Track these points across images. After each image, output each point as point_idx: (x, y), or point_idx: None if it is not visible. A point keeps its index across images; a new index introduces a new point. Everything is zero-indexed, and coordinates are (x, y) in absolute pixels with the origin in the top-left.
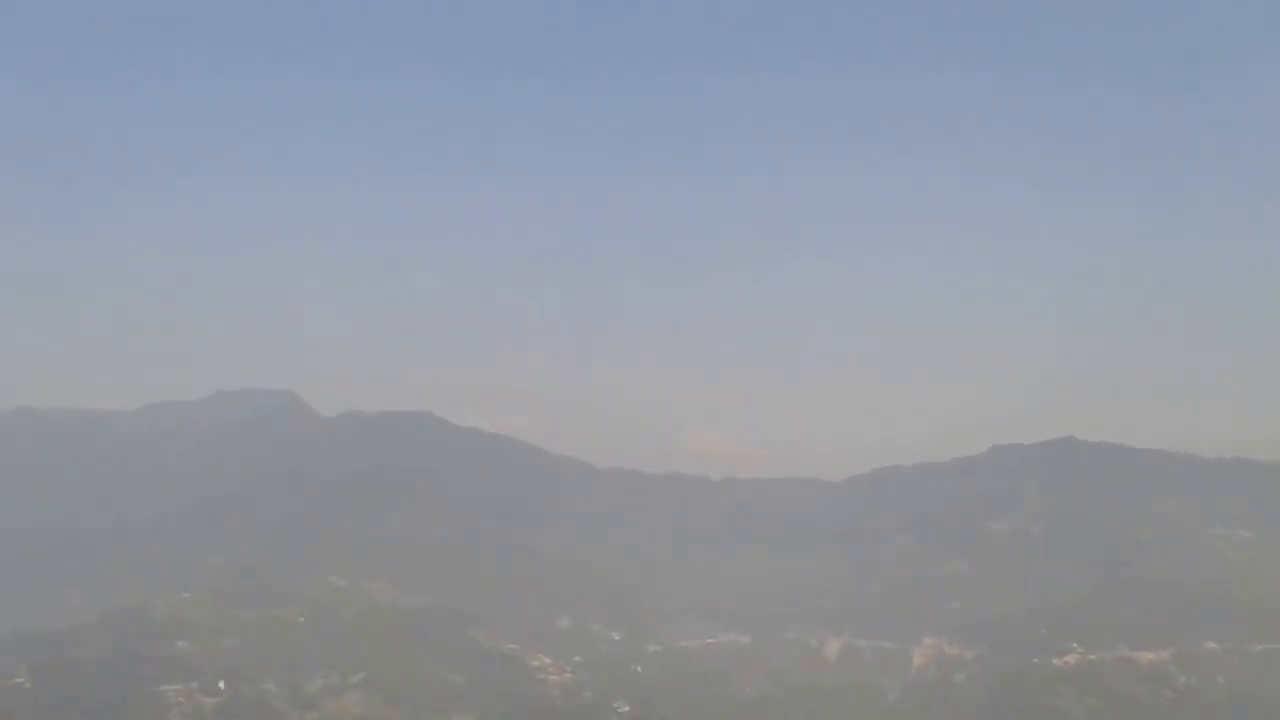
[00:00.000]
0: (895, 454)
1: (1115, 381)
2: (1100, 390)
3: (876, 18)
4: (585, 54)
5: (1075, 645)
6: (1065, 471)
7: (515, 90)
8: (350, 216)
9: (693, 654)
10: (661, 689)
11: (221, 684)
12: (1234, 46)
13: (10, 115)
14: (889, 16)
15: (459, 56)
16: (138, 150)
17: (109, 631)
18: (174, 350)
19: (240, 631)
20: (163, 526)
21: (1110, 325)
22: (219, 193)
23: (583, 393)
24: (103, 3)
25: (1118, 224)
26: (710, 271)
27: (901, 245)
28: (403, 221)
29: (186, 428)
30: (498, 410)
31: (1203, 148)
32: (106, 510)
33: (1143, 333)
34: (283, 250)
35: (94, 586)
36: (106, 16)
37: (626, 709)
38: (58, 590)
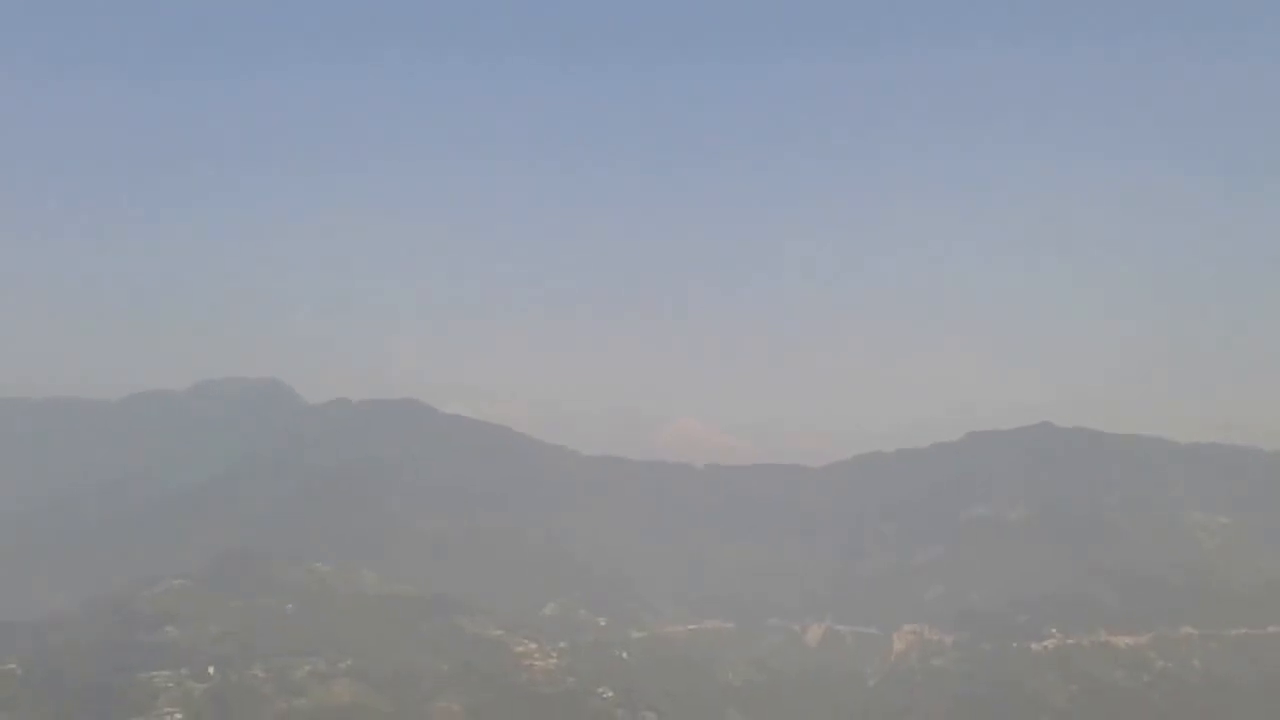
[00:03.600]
0: (875, 441)
1: (1092, 366)
2: (1076, 375)
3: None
4: (582, 40)
5: (1054, 630)
6: (1042, 457)
7: (497, 80)
8: (336, 208)
9: (677, 640)
10: (646, 674)
11: (211, 670)
12: None
13: None
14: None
15: (440, 44)
16: (120, 150)
17: (99, 618)
18: (161, 340)
19: (229, 618)
20: (151, 514)
21: (1086, 309)
22: (204, 187)
23: (568, 381)
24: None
25: (1093, 206)
26: (692, 262)
27: (880, 236)
28: (389, 212)
29: (174, 416)
30: (483, 398)
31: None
32: (95, 499)
33: (1119, 316)
34: (268, 241)
35: (84, 574)
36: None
37: (611, 694)
38: (48, 578)
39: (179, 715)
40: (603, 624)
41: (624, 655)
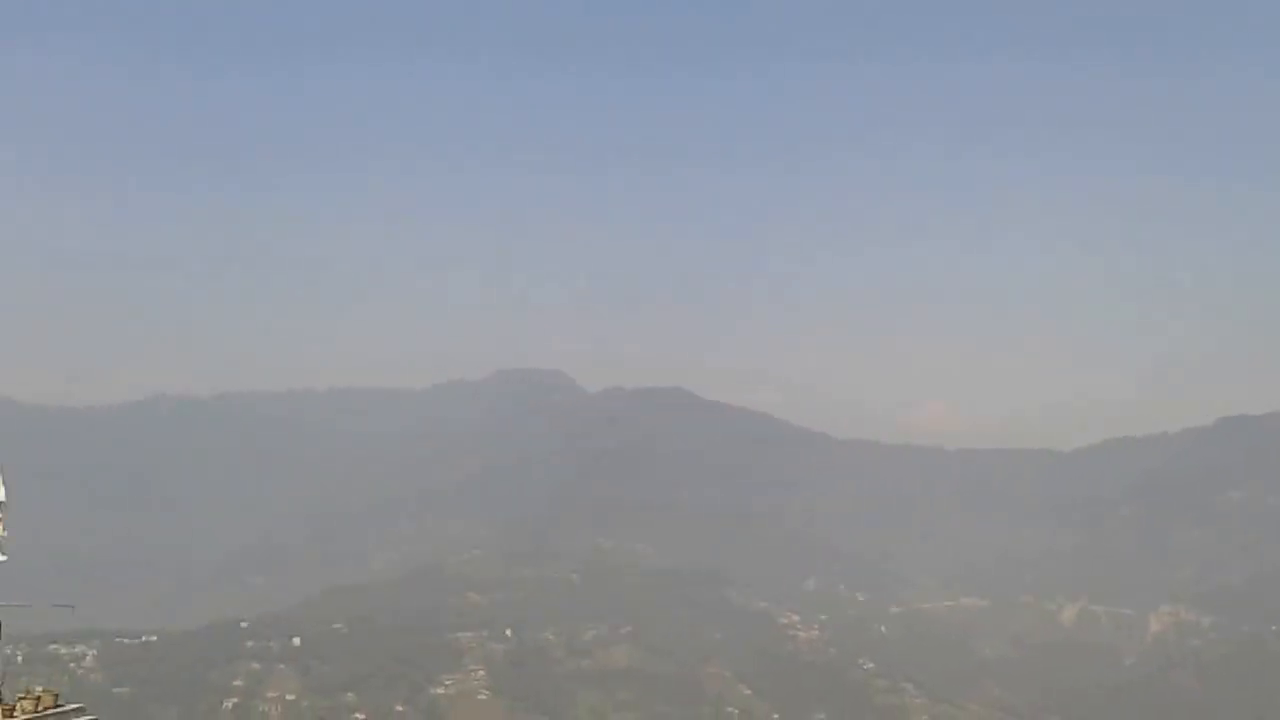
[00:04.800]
0: (1121, 425)
1: None
2: None
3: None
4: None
5: None
6: None
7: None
8: (610, 206)
9: (933, 616)
10: (904, 648)
11: (508, 632)
12: None
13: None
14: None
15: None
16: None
17: (411, 585)
18: (460, 333)
19: (522, 586)
20: (454, 491)
21: None
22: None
23: (820, 367)
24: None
25: None
26: (946, 249)
27: (1110, 223)
28: (644, 210)
29: (473, 404)
30: (742, 385)
31: None
32: (407, 476)
33: None
34: (548, 237)
35: (395, 545)
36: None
37: (871, 665)
38: (364, 549)
39: (482, 672)
40: (861, 599)
41: (882, 629)
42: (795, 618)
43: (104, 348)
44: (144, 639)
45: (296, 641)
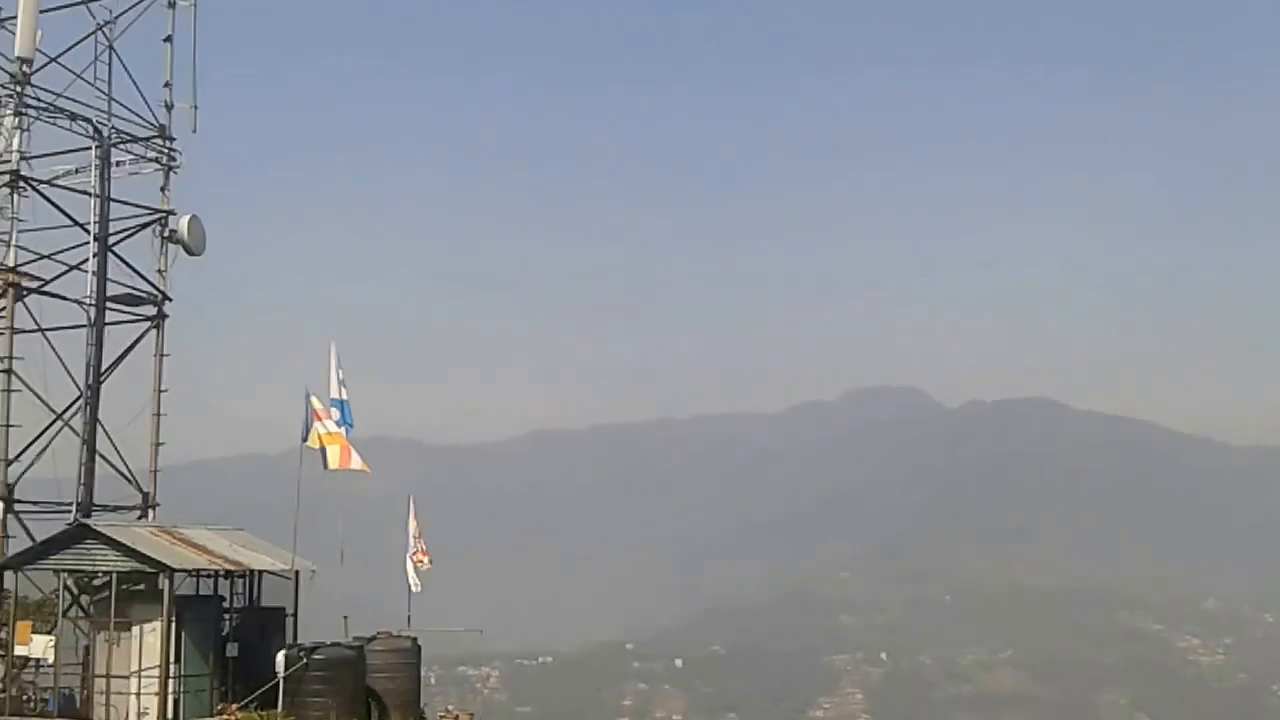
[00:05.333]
0: None
1: None
2: None
3: None
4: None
5: None
6: None
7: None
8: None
9: None
10: None
11: (883, 655)
12: None
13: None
14: None
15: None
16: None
17: (783, 607)
18: (816, 353)
19: (893, 608)
20: (816, 513)
21: None
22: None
23: (1211, 370)
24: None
25: None
26: None
27: None
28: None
29: (828, 423)
30: (1113, 393)
31: None
32: (764, 502)
33: None
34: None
35: (765, 568)
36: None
37: None
38: (734, 572)
39: (859, 695)
40: (1270, 620)
41: None
42: (1195, 641)
43: (483, 388)
44: (540, 660)
45: (679, 663)
